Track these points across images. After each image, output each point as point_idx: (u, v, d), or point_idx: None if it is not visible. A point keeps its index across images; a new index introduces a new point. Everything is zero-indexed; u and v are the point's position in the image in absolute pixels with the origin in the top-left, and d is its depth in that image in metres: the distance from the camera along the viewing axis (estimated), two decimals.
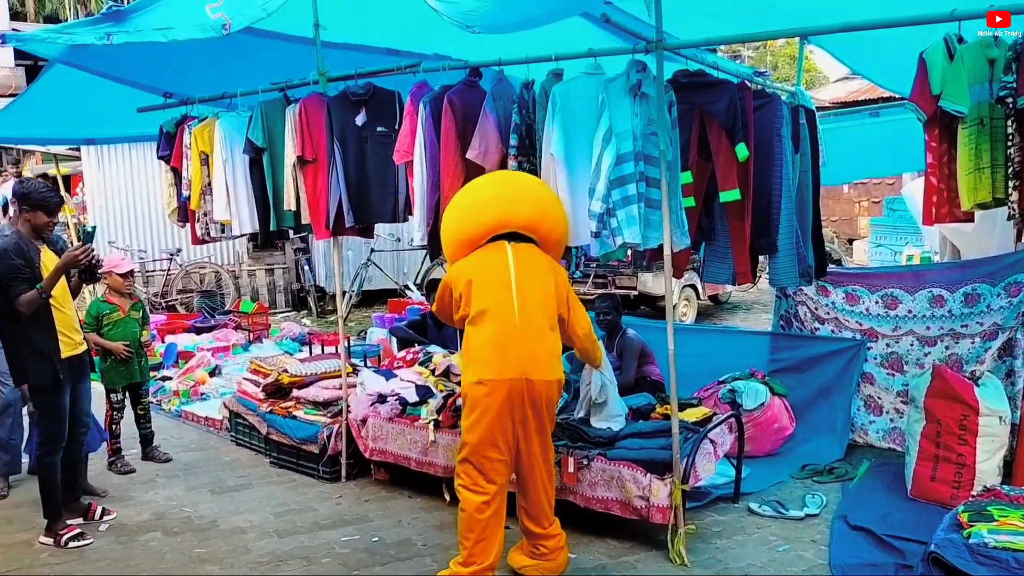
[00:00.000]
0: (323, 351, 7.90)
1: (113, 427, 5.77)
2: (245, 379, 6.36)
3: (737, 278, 4.52)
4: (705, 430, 4.48)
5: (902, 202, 10.95)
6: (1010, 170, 3.63)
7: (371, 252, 12.05)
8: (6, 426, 5.31)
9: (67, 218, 10.33)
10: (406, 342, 7.37)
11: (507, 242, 3.94)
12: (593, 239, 4.12)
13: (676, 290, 10.12)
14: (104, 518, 4.88)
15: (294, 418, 5.68)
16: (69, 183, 13.18)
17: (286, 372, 6.01)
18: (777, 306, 6.73)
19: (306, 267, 12.60)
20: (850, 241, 16.05)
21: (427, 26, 5.12)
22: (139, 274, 11.04)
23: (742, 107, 4.17)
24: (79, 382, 4.76)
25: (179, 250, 11.91)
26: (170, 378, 8.01)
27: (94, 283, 4.94)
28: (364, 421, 5.28)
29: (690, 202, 4.28)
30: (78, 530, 4.61)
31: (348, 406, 5.40)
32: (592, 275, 10.53)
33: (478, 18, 3.85)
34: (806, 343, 6.29)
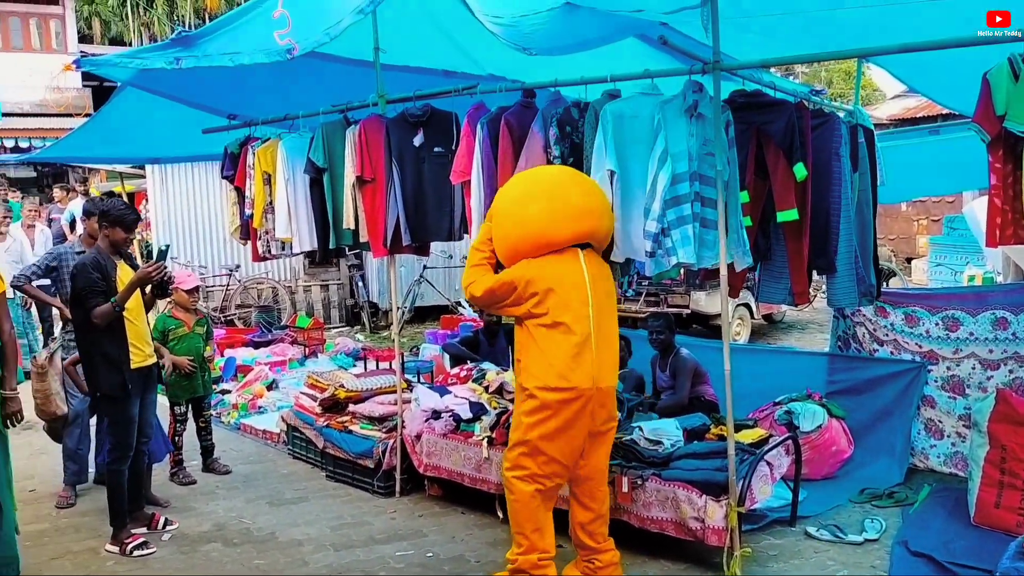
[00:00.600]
0: (377, 366, 8.01)
1: (176, 439, 5.91)
2: (303, 393, 6.48)
3: (795, 298, 4.50)
4: (762, 451, 4.44)
5: (963, 221, 10.68)
6: None
7: (424, 269, 12.15)
8: (74, 437, 5.47)
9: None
10: (458, 359, 7.42)
11: (579, 250, 3.98)
12: (648, 259, 4.13)
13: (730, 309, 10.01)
14: (167, 528, 5.00)
15: (350, 432, 5.76)
16: (133, 200, 13.55)
17: (342, 387, 6.09)
18: (835, 327, 6.63)
19: (360, 283, 12.75)
20: (908, 260, 15.73)
21: (484, 48, 5.21)
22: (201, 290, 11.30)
23: (800, 127, 4.17)
24: (147, 393, 4.92)
25: (238, 266, 12.17)
26: (229, 391, 8.16)
27: (166, 298, 5.13)
28: (418, 437, 5.34)
29: (747, 222, 4.27)
30: (143, 539, 4.73)
31: (403, 421, 5.47)
32: (644, 293, 10.48)
33: (535, 41, 3.91)
34: (865, 365, 6.18)
